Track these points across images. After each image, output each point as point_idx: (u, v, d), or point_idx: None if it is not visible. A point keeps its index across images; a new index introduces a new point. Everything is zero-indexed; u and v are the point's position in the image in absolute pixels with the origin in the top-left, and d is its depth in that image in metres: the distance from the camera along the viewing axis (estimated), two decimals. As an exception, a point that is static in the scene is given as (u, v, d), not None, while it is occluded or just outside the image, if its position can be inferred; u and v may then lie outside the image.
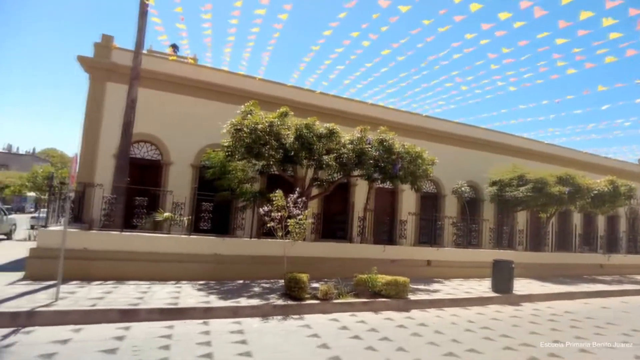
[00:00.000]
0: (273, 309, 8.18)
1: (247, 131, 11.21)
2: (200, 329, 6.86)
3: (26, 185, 32.52)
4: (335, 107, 16.75)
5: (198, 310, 7.59)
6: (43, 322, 6.53)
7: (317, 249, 12.44)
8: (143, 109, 12.97)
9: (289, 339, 6.54)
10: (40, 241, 9.72)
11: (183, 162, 14.43)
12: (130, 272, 9.98)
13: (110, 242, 10.14)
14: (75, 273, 9.34)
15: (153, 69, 13.92)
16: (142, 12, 12.24)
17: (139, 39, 12.22)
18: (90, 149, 13.22)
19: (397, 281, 9.69)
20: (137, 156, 13.98)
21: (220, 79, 15.06)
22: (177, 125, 14.42)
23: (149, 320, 7.09)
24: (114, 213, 11.13)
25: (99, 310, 6.98)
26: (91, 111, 13.44)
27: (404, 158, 12.81)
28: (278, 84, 16.23)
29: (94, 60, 13.65)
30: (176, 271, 10.45)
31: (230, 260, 11.09)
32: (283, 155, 11.75)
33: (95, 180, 12.52)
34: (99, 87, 13.62)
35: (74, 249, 9.48)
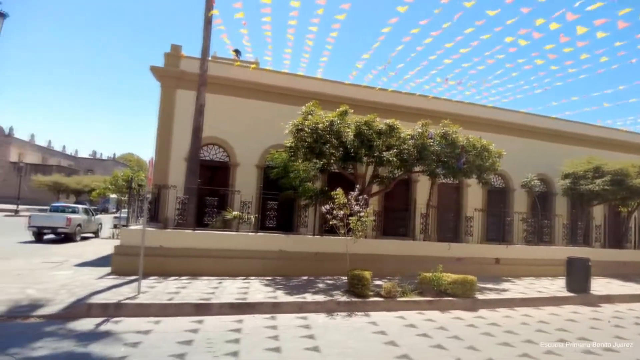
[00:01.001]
0: (337, 305, 8.31)
1: (308, 131, 11.44)
2: (268, 323, 7.13)
3: (109, 188, 35.40)
4: (395, 102, 16.55)
5: (266, 305, 7.90)
6: (128, 314, 7.13)
7: (379, 247, 12.41)
8: (211, 113, 13.63)
9: (355, 336, 6.62)
10: (123, 239, 10.61)
11: (249, 163, 15.01)
12: (203, 268, 10.57)
13: (184, 240, 10.81)
14: (153, 269, 10.06)
15: (218, 75, 14.60)
16: (207, 20, 12.86)
17: (204, 47, 12.86)
18: (164, 153, 14.15)
19: (464, 280, 9.44)
20: (206, 158, 14.75)
21: (281, 81, 15.45)
22: (243, 127, 15.01)
23: (220, 314, 7.48)
24: (187, 212, 11.83)
25: (175, 304, 7.49)
26: (163, 117, 14.38)
27: (468, 152, 12.40)
28: (337, 82, 16.35)
29: (165, 70, 14.57)
30: (244, 267, 10.91)
31: (294, 256, 11.39)
32: (343, 153, 11.85)
33: (169, 182, 13.37)
34: (169, 95, 14.53)
35: (152, 246, 10.22)
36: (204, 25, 12.87)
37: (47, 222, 18.89)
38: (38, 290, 8.12)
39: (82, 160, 74.32)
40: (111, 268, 10.37)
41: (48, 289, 8.27)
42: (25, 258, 12.58)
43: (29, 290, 8.03)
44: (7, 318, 6.53)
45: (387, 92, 16.55)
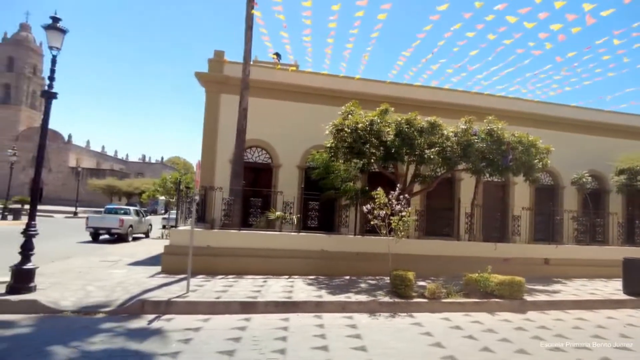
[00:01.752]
0: (380, 305, 8.30)
1: (348, 131, 11.50)
2: (313, 322, 7.23)
3: (158, 190, 37.00)
4: (437, 99, 16.28)
5: (310, 304, 8.02)
6: (178, 311, 7.45)
7: (422, 247, 12.26)
8: (253, 116, 13.95)
9: (400, 336, 6.60)
10: (172, 240, 11.09)
11: (290, 164, 15.26)
12: (248, 267, 10.86)
13: (230, 240, 11.15)
14: (201, 268, 10.43)
15: (260, 79, 14.93)
16: (248, 26, 13.17)
17: (246, 52, 13.18)
18: (210, 156, 14.64)
19: (512, 281, 9.16)
20: (250, 160, 15.13)
21: (321, 82, 15.58)
22: (284, 129, 15.28)
23: (266, 312, 7.66)
24: (232, 213, 12.19)
25: (223, 302, 7.75)
26: (209, 121, 14.89)
27: (515, 148, 12.01)
28: (377, 81, 16.29)
29: (209, 75, 15.07)
30: (288, 266, 11.11)
31: (336, 256, 11.47)
32: (384, 153, 11.80)
33: (215, 183, 13.81)
34: (214, 99, 15.01)
35: (200, 246, 10.60)
36: (245, 31, 13.19)
37: (102, 224, 20.04)
38: (96, 287, 8.64)
39: (132, 164, 77.95)
40: (161, 267, 10.86)
41: (105, 286, 8.79)
42: (84, 257, 13.40)
43: (88, 287, 8.57)
44: (70, 313, 7.00)
45: (428, 89, 16.31)
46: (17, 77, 60.39)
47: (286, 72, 15.71)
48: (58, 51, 8.39)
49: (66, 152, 61.02)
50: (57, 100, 8.56)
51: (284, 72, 15.77)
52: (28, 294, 7.48)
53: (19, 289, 7.50)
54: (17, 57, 60.93)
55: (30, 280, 7.71)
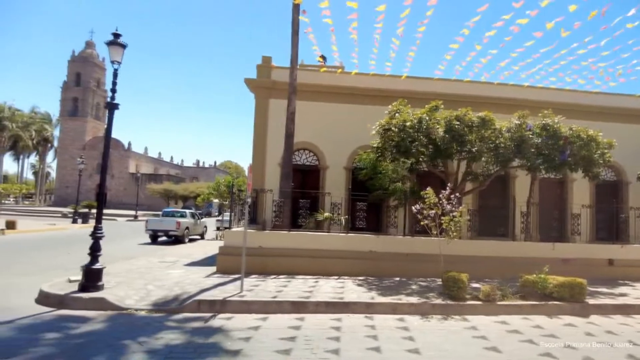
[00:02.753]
0: (432, 307, 8.17)
1: (395, 130, 11.40)
2: (364, 322, 7.24)
3: (212, 193, 38.35)
4: (488, 94, 15.73)
5: (360, 305, 8.04)
6: (232, 310, 7.72)
7: (475, 247, 11.90)
8: (301, 119, 14.13)
9: (454, 339, 6.47)
10: (226, 240, 11.51)
11: (337, 165, 15.35)
12: (298, 267, 11.04)
13: (280, 241, 11.40)
14: (254, 268, 10.73)
15: (307, 82, 15.13)
16: (294, 31, 13.40)
17: (293, 56, 13.40)
18: (260, 159, 15.04)
19: (572, 282, 8.70)
20: (298, 162, 15.39)
21: (367, 82, 15.56)
22: (331, 131, 15.40)
23: (317, 312, 7.77)
24: (282, 214, 12.45)
25: (275, 301, 7.96)
26: (258, 126, 15.30)
27: (573, 143, 11.41)
28: (425, 79, 16.04)
29: (257, 81, 15.49)
30: (337, 267, 11.19)
31: (385, 257, 11.40)
32: (433, 151, 11.60)
33: (265, 186, 14.16)
34: (263, 104, 15.41)
35: (252, 247, 10.91)
36: (291, 36, 13.42)
37: (160, 226, 21.10)
38: (156, 287, 9.14)
39: (187, 168, 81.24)
40: (216, 267, 11.29)
41: (164, 286, 9.27)
42: (144, 258, 14.19)
43: (149, 287, 9.08)
44: (133, 310, 7.47)
45: (478, 84, 15.82)
46: (83, 91, 64.87)
47: (332, 74, 15.83)
48: (119, 65, 8.97)
49: (126, 159, 64.68)
50: (118, 110, 9.15)
51: (330, 74, 15.89)
52: (97, 292, 8.05)
53: (88, 287, 8.09)
54: (84, 72, 65.43)
55: (98, 280, 8.29)
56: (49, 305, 7.61)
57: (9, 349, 5.33)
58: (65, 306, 7.53)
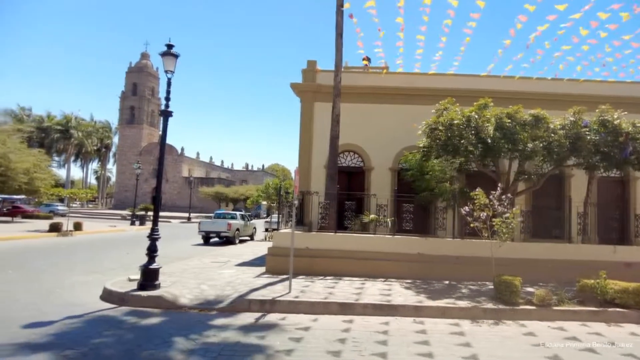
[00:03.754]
0: (483, 312, 7.94)
1: (442, 129, 11.19)
2: (413, 326, 7.16)
3: (260, 196, 39.33)
4: (541, 90, 15.05)
5: (408, 308, 7.96)
6: (281, 310, 7.90)
7: (528, 250, 11.41)
8: (346, 121, 14.20)
9: (511, 345, 6.27)
10: (275, 242, 11.77)
11: (382, 166, 15.27)
12: (344, 269, 11.09)
13: (326, 242, 11.51)
14: (301, 269, 10.88)
15: (351, 84, 15.17)
16: (338, 33, 13.47)
17: (337, 59, 13.48)
18: (306, 162, 15.26)
19: (637, 288, 8.14)
20: (343, 164, 15.46)
21: (412, 82, 15.38)
22: (376, 132, 15.35)
23: (364, 314, 7.77)
24: (328, 216, 12.56)
25: (322, 302, 8.05)
26: (304, 129, 15.53)
27: (636, 139, 10.69)
28: (473, 76, 15.61)
29: (302, 85, 15.73)
30: (384, 269, 11.12)
31: (433, 259, 11.20)
32: (482, 150, 11.27)
33: (311, 188, 14.34)
34: (308, 108, 15.63)
35: (299, 248, 11.07)
36: (335, 39, 13.49)
37: (212, 227, 21.92)
38: (209, 286, 9.51)
39: (237, 172, 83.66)
40: (265, 267, 11.57)
41: (217, 285, 9.63)
42: (198, 258, 14.78)
43: (202, 286, 9.47)
44: (188, 309, 7.84)
45: (531, 80, 15.16)
46: (139, 99, 68.75)
47: (376, 76, 15.78)
48: (172, 74, 9.42)
49: (180, 163, 67.59)
50: (172, 117, 9.61)
51: (374, 76, 15.86)
52: (154, 291, 8.50)
53: (146, 285, 8.56)
54: (139, 82, 69.37)
55: (155, 279, 8.76)
56: (112, 302, 8.15)
57: (79, 340, 5.80)
58: (125, 303, 8.03)
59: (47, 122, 62.53)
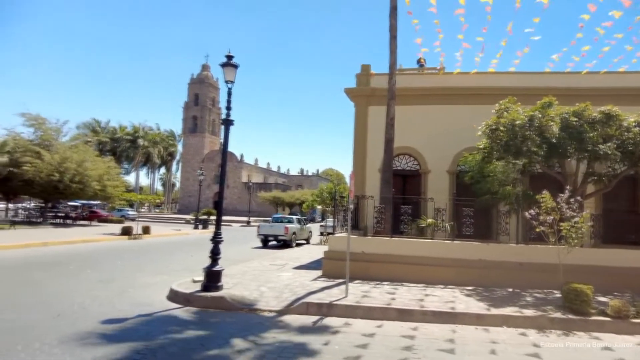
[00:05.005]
0: (550, 322, 7.52)
1: (503, 130, 10.80)
2: (478, 335, 6.94)
3: (315, 200, 39.79)
4: (612, 85, 14.01)
5: (470, 316, 7.71)
6: (338, 314, 7.93)
7: (599, 257, 10.59)
8: (401, 124, 14.01)
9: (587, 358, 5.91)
10: (330, 245, 11.87)
11: (439, 169, 14.92)
12: (401, 275, 10.93)
13: (382, 247, 11.42)
14: (357, 273, 10.86)
15: (406, 86, 14.97)
16: (392, 36, 13.39)
17: (391, 62, 13.39)
18: (360, 166, 15.27)
19: None
20: (398, 168, 15.29)
21: (470, 82, 14.93)
22: (432, 134, 15.05)
23: (423, 321, 7.61)
24: (384, 220, 12.45)
25: (380, 308, 7.99)
26: (358, 133, 15.56)
27: None
28: (535, 73, 14.89)
29: (356, 90, 15.78)
30: (442, 275, 10.84)
31: (495, 266, 10.75)
32: (547, 150, 10.71)
33: (365, 192, 14.30)
34: (362, 112, 15.65)
35: (355, 252, 11.07)
36: (389, 41, 13.42)
37: (270, 231, 22.52)
38: (268, 288, 9.77)
39: (292, 177, 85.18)
40: (322, 271, 11.70)
41: (275, 287, 9.88)
42: (257, 261, 15.22)
43: (262, 288, 9.75)
44: (248, 310, 8.10)
45: (599, 74, 14.16)
46: (201, 109, 72.27)
47: (432, 76, 15.51)
48: (232, 84, 9.81)
49: (239, 169, 70.05)
50: (233, 125, 9.99)
51: (430, 77, 15.60)
52: (217, 292, 8.88)
53: (210, 287, 8.96)
54: (201, 93, 72.96)
55: (218, 280, 9.14)
56: (177, 302, 8.61)
57: (147, 337, 6.21)
58: (190, 303, 8.45)
59: (119, 133, 67.36)
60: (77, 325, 6.64)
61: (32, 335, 6.05)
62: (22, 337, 5.95)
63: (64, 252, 16.32)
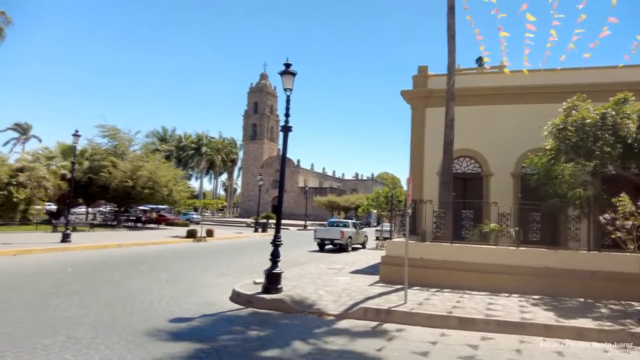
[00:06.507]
0: (630, 336, 6.94)
1: (572, 129, 10.21)
2: (548, 347, 6.57)
3: (371, 204, 39.59)
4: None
5: (537, 327, 7.31)
6: (397, 320, 7.82)
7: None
8: (460, 125, 13.60)
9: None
10: (388, 250, 11.75)
11: (502, 171, 14.33)
12: (462, 282, 10.58)
13: (442, 253, 11.12)
14: (415, 279, 10.64)
15: (465, 86, 14.55)
16: (450, 35, 13.04)
17: (450, 62, 13.03)
18: (417, 169, 15.01)
19: None
20: (458, 171, 14.86)
21: (534, 80, 14.18)
22: (494, 135, 14.50)
23: (486, 331, 7.31)
24: (443, 225, 12.12)
25: (440, 315, 7.79)
26: (415, 136, 15.31)
27: None
28: (607, 68, 13.90)
29: (413, 91, 15.56)
30: (506, 283, 10.36)
31: (564, 274, 10.10)
32: (622, 150, 9.95)
33: (423, 196, 14.03)
34: (419, 114, 15.39)
35: (413, 258, 10.85)
36: (447, 41, 13.07)
37: (326, 235, 22.71)
38: (326, 292, 9.87)
39: (347, 181, 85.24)
40: (379, 276, 11.61)
41: (333, 291, 9.95)
42: (314, 264, 15.41)
43: (320, 292, 9.86)
44: (307, 313, 8.23)
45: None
46: (260, 117, 74.63)
47: (493, 75, 14.93)
48: (291, 91, 10.04)
49: (296, 174, 71.31)
50: (292, 132, 10.22)
51: (491, 76, 15.03)
52: (277, 294, 9.11)
53: (270, 289, 9.21)
54: (260, 101, 75.35)
55: (278, 282, 9.37)
56: (239, 303, 8.94)
57: (210, 336, 6.51)
58: (251, 305, 8.74)
59: (184, 141, 71.14)
60: (148, 322, 7.10)
61: (110, 329, 6.57)
62: (103, 331, 6.48)
63: (136, 253, 17.50)
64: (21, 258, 14.50)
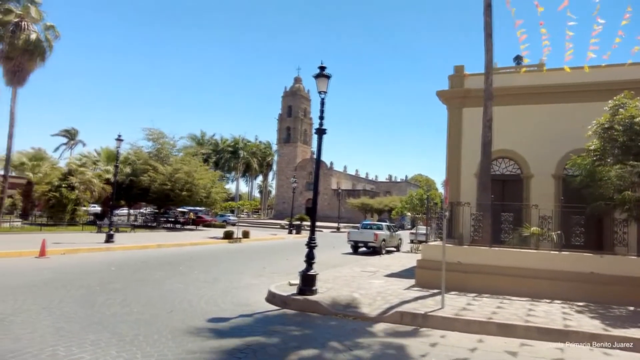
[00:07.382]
0: (685, 347, 6.55)
1: (619, 128, 9.77)
2: (594, 357, 6.33)
3: (405, 207, 39.08)
4: None
5: (582, 335, 7.00)
6: (434, 325, 7.69)
7: None
8: (498, 126, 13.23)
9: None
10: (424, 254, 11.58)
11: (543, 173, 13.82)
12: (502, 287, 10.28)
13: (480, 257, 10.85)
14: (452, 283, 10.43)
15: (503, 86, 14.15)
16: (487, 34, 12.72)
17: (487, 61, 12.70)
18: (454, 171, 14.71)
19: None
20: (496, 172, 14.44)
21: (577, 77, 13.62)
22: (534, 136, 14.03)
23: (526, 337, 7.09)
24: (482, 229, 11.81)
25: (479, 321, 7.58)
26: (452, 137, 15.03)
27: None
28: (658, 63, 13.13)
29: (449, 92, 15.28)
30: (548, 289, 9.99)
31: (611, 281, 9.63)
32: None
33: (460, 198, 13.73)
34: (456, 115, 15.09)
35: (450, 262, 10.66)
36: (484, 39, 12.75)
37: (360, 237, 22.62)
38: (361, 295, 9.82)
39: (380, 183, 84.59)
40: (415, 280, 11.44)
41: (368, 294, 9.90)
42: (348, 267, 15.38)
43: (354, 294, 9.83)
44: (342, 315, 8.22)
45: None
46: (294, 120, 75.38)
47: (532, 74, 14.46)
48: (325, 94, 10.09)
49: (329, 177, 71.43)
50: (326, 134, 10.26)
51: (530, 74, 14.55)
52: (311, 296, 9.16)
53: (305, 290, 9.27)
54: (294, 105, 76.11)
55: (312, 284, 9.42)
56: (275, 303, 9.05)
57: (247, 336, 6.62)
58: (287, 306, 8.83)
59: (221, 145, 72.80)
60: (187, 321, 7.31)
61: (152, 327, 6.81)
62: (144, 328, 6.73)
63: (175, 254, 18.03)
64: (69, 257, 15.26)
